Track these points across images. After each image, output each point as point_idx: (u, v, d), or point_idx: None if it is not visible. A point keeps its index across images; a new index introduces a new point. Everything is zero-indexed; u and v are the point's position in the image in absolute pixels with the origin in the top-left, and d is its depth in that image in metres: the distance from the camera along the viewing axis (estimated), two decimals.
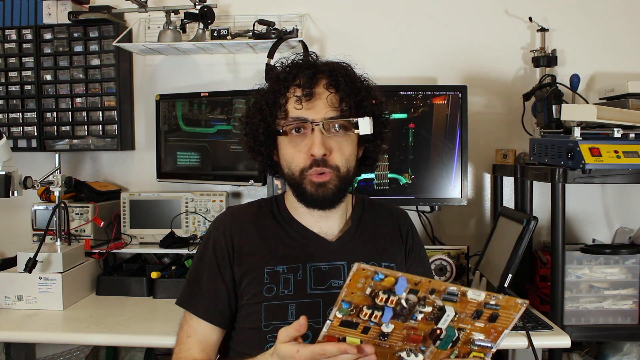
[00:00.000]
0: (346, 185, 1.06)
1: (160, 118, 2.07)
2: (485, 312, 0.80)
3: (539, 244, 2.01)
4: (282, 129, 1.04)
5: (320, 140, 1.01)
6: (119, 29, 2.08)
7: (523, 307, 0.80)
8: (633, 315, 1.57)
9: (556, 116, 1.76)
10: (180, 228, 2.00)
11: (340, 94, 1.03)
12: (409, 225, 1.21)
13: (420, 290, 0.77)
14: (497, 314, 0.81)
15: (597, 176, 1.47)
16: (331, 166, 1.03)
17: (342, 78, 1.04)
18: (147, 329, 1.52)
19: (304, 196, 1.05)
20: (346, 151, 1.05)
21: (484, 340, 0.84)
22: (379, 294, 0.77)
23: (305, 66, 1.06)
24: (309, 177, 1.03)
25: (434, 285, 0.77)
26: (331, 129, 1.03)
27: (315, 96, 1.02)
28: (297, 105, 1.02)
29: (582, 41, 2.05)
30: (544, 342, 1.43)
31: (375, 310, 0.78)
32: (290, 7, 2.10)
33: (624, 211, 2.08)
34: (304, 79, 1.03)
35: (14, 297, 1.67)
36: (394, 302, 0.78)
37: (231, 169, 1.96)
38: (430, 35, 2.10)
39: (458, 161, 1.83)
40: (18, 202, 1.90)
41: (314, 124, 1.02)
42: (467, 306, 0.79)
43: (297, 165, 1.04)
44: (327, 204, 1.06)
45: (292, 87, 1.04)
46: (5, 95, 2.11)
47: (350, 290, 0.76)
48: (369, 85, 1.10)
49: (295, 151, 1.04)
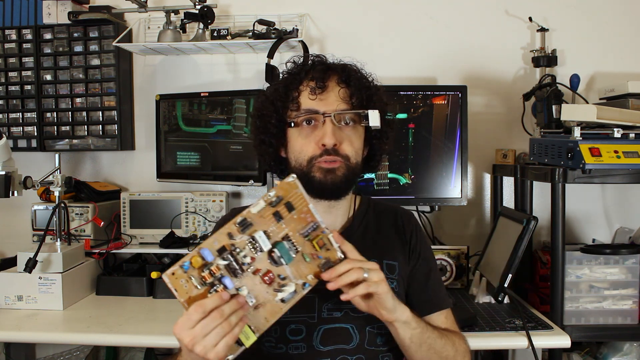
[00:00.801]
0: (354, 176, 1.08)
1: (160, 118, 2.07)
2: (279, 209, 0.87)
3: (539, 244, 2.01)
4: (294, 120, 1.07)
5: (331, 130, 1.03)
6: (119, 29, 2.08)
7: (292, 178, 0.88)
8: (633, 315, 1.57)
9: (556, 116, 1.76)
10: (180, 228, 2.00)
11: (351, 88, 1.07)
12: (413, 226, 1.20)
13: (223, 244, 0.84)
14: (289, 202, 0.87)
15: (597, 176, 1.47)
16: (342, 155, 1.05)
17: (353, 74, 1.08)
18: (147, 329, 1.52)
19: (313, 183, 1.05)
20: (355, 143, 1.08)
21: (307, 225, 0.89)
22: (203, 275, 0.83)
23: (317, 62, 1.10)
24: (317, 165, 1.04)
25: (228, 230, 0.85)
26: (342, 120, 1.06)
27: (327, 89, 1.06)
28: (309, 97, 1.06)
29: (582, 41, 2.05)
30: (544, 342, 1.42)
31: (216, 286, 0.84)
32: (290, 7, 2.10)
33: (624, 211, 2.08)
34: (316, 73, 1.07)
35: (14, 297, 1.67)
36: (219, 269, 0.84)
37: (231, 169, 1.96)
38: (430, 35, 2.10)
39: (458, 161, 1.83)
40: (18, 202, 1.90)
41: (325, 115, 1.04)
42: (265, 219, 0.86)
43: (305, 154, 1.06)
44: (335, 191, 1.07)
45: (305, 80, 1.08)
46: (5, 95, 2.12)
47: (184, 297, 0.83)
48: (375, 85, 1.14)
49: (305, 142, 1.06)
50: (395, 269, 1.12)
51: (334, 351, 1.04)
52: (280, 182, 0.88)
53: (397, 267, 1.12)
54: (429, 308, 1.13)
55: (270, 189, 0.87)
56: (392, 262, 1.12)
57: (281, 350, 1.04)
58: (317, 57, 1.13)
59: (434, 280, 1.17)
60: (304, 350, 1.04)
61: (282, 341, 1.05)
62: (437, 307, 1.14)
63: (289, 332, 1.05)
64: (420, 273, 1.16)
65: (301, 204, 0.87)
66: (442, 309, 1.15)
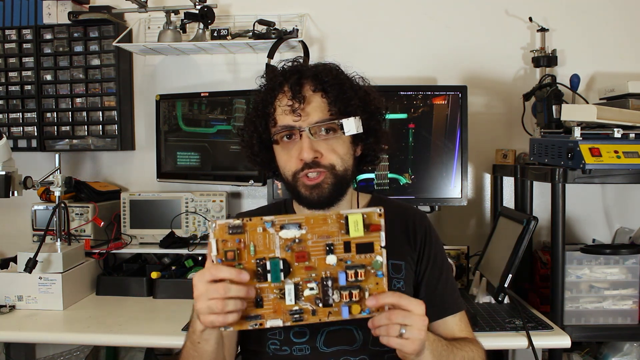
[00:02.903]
0: (343, 183, 1.06)
1: (160, 118, 2.07)
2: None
3: (539, 244, 2.01)
4: (273, 137, 1.06)
5: (308, 145, 1.01)
6: (119, 29, 2.08)
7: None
8: (633, 315, 1.57)
9: (556, 116, 1.76)
10: (180, 228, 2.00)
11: (326, 96, 1.04)
12: (425, 228, 1.17)
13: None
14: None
15: (597, 176, 1.47)
16: (325, 166, 1.03)
17: (326, 80, 1.04)
18: (147, 329, 1.52)
19: (300, 199, 1.08)
20: (339, 151, 1.05)
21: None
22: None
23: (289, 72, 1.07)
24: (301, 180, 1.04)
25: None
26: (318, 132, 1.03)
27: (301, 101, 1.02)
28: (284, 113, 1.04)
29: (582, 41, 2.05)
30: (544, 342, 1.42)
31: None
32: (290, 7, 2.10)
33: (624, 211, 2.08)
34: (288, 86, 1.04)
35: (14, 297, 1.67)
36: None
37: (231, 169, 1.96)
38: (430, 35, 2.10)
39: (458, 161, 1.83)
40: (18, 202, 1.89)
41: (300, 130, 1.02)
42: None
43: (289, 170, 1.06)
44: (324, 203, 1.06)
45: (279, 94, 1.05)
46: (5, 95, 2.12)
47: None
48: (357, 84, 1.10)
49: (288, 157, 1.06)
50: (401, 269, 1.11)
51: (337, 352, 1.04)
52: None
53: (404, 266, 1.11)
54: (439, 313, 1.11)
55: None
56: (398, 262, 1.11)
57: (285, 352, 1.05)
58: (292, 65, 1.09)
59: (445, 284, 1.14)
60: (308, 352, 1.04)
61: (287, 343, 1.05)
62: (449, 311, 1.12)
63: (292, 335, 1.05)
64: (431, 277, 1.13)
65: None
66: (453, 312, 1.12)
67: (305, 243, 0.83)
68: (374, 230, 0.83)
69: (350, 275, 0.83)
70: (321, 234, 0.83)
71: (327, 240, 0.83)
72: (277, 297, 0.84)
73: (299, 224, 0.83)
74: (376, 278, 0.84)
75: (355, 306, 0.84)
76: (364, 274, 0.84)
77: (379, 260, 0.84)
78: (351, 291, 0.84)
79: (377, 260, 0.84)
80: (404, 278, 1.10)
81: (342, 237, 0.83)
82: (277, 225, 0.82)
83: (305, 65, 1.09)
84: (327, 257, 0.83)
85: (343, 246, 0.83)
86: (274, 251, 0.83)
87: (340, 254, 0.84)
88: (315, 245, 0.83)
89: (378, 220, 0.83)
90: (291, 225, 0.82)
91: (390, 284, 1.08)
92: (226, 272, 0.81)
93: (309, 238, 0.83)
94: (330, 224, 0.83)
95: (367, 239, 0.84)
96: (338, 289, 0.84)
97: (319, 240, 0.83)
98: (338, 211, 0.84)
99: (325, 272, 0.84)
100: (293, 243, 0.83)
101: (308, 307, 0.84)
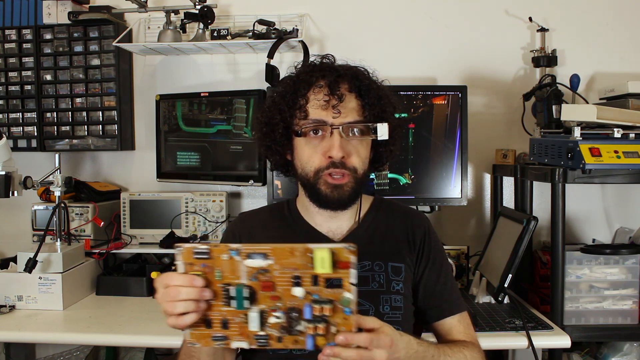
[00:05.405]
0: (360, 187, 1.07)
1: (160, 118, 2.07)
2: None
3: (539, 244, 2.01)
4: (300, 129, 1.04)
5: (339, 143, 1.01)
6: (119, 29, 2.08)
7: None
8: (633, 316, 1.57)
9: (556, 116, 1.76)
10: (180, 228, 2.00)
11: (361, 98, 1.04)
12: (425, 229, 1.16)
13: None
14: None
15: (597, 176, 1.47)
16: (349, 168, 1.03)
17: (364, 83, 1.05)
18: (147, 329, 1.51)
19: (318, 197, 1.05)
20: (362, 154, 1.06)
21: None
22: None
23: (326, 68, 1.06)
24: (323, 178, 1.03)
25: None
26: (350, 132, 1.03)
27: (336, 99, 1.02)
28: (317, 107, 1.03)
29: (582, 41, 2.05)
30: (544, 342, 1.43)
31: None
32: (290, 7, 2.10)
33: (624, 211, 2.08)
34: (325, 81, 1.03)
35: (14, 297, 1.67)
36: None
37: (231, 169, 1.96)
38: (430, 35, 2.10)
39: (458, 161, 1.83)
40: (18, 202, 1.89)
41: (333, 127, 1.02)
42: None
43: (312, 166, 1.04)
44: (342, 205, 1.06)
45: (313, 88, 1.04)
46: (5, 95, 2.12)
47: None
48: (389, 92, 1.11)
49: (312, 152, 1.04)
50: (401, 271, 1.10)
51: None
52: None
53: (403, 269, 1.11)
54: (437, 314, 1.11)
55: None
56: (398, 264, 1.11)
57: (285, 350, 1.04)
58: (326, 60, 1.09)
59: (444, 285, 1.13)
60: (307, 351, 1.04)
61: None
62: (447, 312, 1.11)
63: None
64: (429, 279, 1.13)
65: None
66: (452, 314, 1.11)
67: (272, 273, 0.80)
68: (343, 268, 0.79)
69: (317, 310, 0.80)
70: (288, 266, 0.80)
71: (294, 272, 0.80)
72: (243, 322, 0.82)
73: (265, 254, 0.80)
74: (344, 314, 0.80)
75: (320, 338, 0.81)
76: (332, 310, 0.80)
77: (347, 297, 0.79)
78: (316, 325, 0.81)
79: (344, 296, 0.80)
80: (404, 280, 1.10)
81: (310, 271, 0.80)
82: (244, 254, 0.80)
83: (341, 65, 1.09)
84: (294, 289, 0.81)
85: (311, 279, 0.80)
86: (239, 278, 0.81)
87: (308, 286, 0.80)
88: (282, 276, 0.81)
89: (347, 257, 0.78)
90: (257, 255, 0.80)
91: (389, 286, 1.08)
92: (179, 279, 0.81)
93: (275, 269, 0.80)
94: (298, 256, 0.79)
95: (335, 276, 0.79)
96: (304, 320, 0.82)
97: (285, 272, 0.80)
98: (305, 244, 0.79)
99: (292, 302, 0.81)
100: (259, 272, 0.81)
101: (274, 334, 0.82)
